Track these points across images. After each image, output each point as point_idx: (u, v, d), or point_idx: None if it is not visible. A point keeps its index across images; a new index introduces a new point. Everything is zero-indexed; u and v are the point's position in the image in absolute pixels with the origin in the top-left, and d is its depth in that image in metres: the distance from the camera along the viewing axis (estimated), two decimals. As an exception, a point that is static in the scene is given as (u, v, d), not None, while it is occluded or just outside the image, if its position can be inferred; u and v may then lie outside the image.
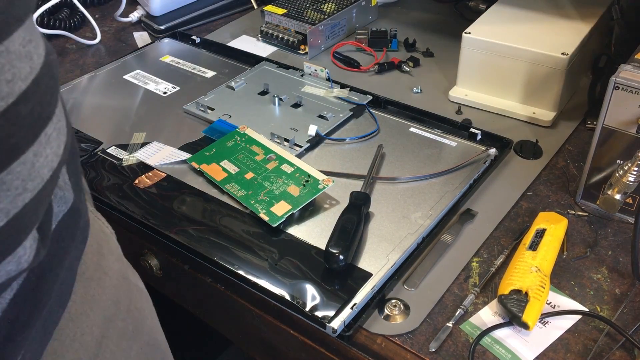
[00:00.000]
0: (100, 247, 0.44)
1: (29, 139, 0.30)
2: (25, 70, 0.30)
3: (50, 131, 0.32)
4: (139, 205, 0.68)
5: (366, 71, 0.93)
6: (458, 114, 0.83)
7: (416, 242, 0.62)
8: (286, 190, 0.67)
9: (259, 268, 0.60)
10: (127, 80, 0.92)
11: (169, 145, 0.77)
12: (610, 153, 0.63)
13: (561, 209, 0.67)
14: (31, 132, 0.30)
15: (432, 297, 0.57)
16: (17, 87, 0.29)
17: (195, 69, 0.94)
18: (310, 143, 0.76)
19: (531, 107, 0.81)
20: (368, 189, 0.68)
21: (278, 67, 0.92)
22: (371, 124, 0.80)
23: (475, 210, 0.67)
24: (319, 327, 0.55)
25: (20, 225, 0.31)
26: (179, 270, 0.65)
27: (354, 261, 0.60)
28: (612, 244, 0.63)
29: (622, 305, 0.56)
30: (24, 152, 0.30)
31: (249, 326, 0.62)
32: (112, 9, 1.13)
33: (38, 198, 0.31)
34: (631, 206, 0.64)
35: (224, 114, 0.81)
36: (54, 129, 0.32)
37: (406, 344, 0.54)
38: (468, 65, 0.83)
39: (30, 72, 0.30)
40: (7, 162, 0.29)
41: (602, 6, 0.85)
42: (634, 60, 0.61)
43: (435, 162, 0.73)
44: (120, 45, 1.05)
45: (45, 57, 0.32)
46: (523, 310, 0.53)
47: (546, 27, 0.82)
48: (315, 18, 0.97)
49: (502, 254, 0.61)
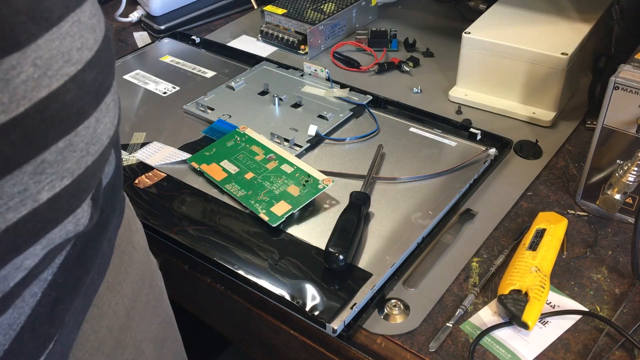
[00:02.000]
0: (130, 223, 0.47)
1: (92, 105, 0.32)
2: (91, 41, 0.31)
3: (109, 100, 0.34)
4: (139, 205, 0.68)
5: (366, 71, 0.93)
6: (458, 114, 0.83)
7: (416, 242, 0.62)
8: (286, 190, 0.67)
9: (259, 268, 0.60)
10: (127, 80, 0.92)
11: (169, 145, 0.77)
12: (610, 153, 0.63)
13: (561, 209, 0.67)
14: (95, 98, 0.32)
15: (432, 297, 0.58)
16: (85, 55, 0.31)
17: (195, 69, 0.94)
18: (310, 143, 0.76)
19: (531, 107, 0.81)
20: (368, 189, 0.68)
21: (278, 67, 0.92)
22: (371, 124, 0.80)
23: (475, 210, 0.67)
24: (319, 327, 0.55)
25: (81, 187, 0.32)
26: (179, 270, 0.65)
27: (354, 261, 0.60)
28: (612, 244, 0.63)
29: (622, 305, 0.56)
30: (88, 117, 0.31)
31: (249, 326, 0.62)
32: (112, 9, 1.13)
33: (97, 162, 0.33)
34: (631, 206, 0.64)
35: (224, 114, 0.81)
36: (111, 99, 0.34)
37: (406, 344, 0.54)
38: (468, 65, 0.83)
39: (94, 43, 0.32)
40: (74, 124, 0.30)
41: (602, 6, 0.85)
42: (634, 60, 0.61)
43: (435, 162, 0.73)
44: (120, 45, 1.05)
45: (105, 31, 0.34)
46: (523, 310, 0.53)
47: (546, 27, 0.82)
48: (315, 18, 0.97)
49: (502, 254, 0.61)
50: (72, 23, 0.30)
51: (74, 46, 0.30)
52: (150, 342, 0.48)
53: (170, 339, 0.53)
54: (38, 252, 0.31)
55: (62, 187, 0.31)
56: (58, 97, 0.29)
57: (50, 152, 0.29)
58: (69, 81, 0.30)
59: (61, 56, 0.29)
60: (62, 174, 0.30)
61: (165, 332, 0.51)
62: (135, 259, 0.46)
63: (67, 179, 0.31)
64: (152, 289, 0.49)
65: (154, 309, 0.49)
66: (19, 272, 0.31)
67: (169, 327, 0.53)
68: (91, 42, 0.31)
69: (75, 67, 0.30)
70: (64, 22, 0.29)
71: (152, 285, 0.49)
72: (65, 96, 0.29)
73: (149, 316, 0.48)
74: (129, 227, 0.46)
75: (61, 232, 0.32)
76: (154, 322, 0.49)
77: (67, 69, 0.29)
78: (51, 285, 0.34)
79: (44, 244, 0.31)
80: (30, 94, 0.27)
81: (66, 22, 0.29)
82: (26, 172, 0.28)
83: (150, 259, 0.50)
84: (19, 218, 0.29)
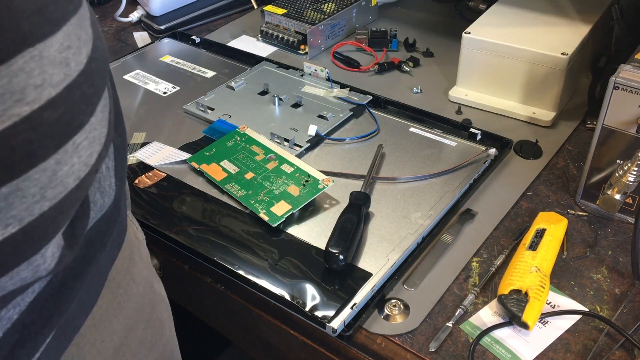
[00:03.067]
0: (132, 254, 0.44)
1: (51, 147, 0.29)
2: (59, 77, 0.29)
3: (80, 140, 0.31)
4: (139, 205, 0.68)
5: (366, 71, 0.93)
6: (458, 114, 0.83)
7: (416, 242, 0.62)
8: (286, 190, 0.67)
9: (259, 268, 0.60)
10: (127, 80, 0.92)
11: (169, 145, 0.77)
12: (610, 153, 0.63)
13: (561, 209, 0.67)
14: (56, 139, 0.29)
15: (432, 297, 0.57)
16: (46, 92, 0.28)
17: (195, 69, 0.94)
18: (310, 143, 0.76)
19: (531, 107, 0.81)
20: (368, 189, 0.68)
21: (278, 67, 0.92)
22: (371, 124, 0.80)
23: (475, 210, 0.67)
24: (319, 327, 0.55)
25: (36, 234, 0.30)
26: (179, 270, 0.65)
27: (354, 261, 0.60)
28: (612, 244, 0.63)
29: (622, 305, 0.56)
30: (44, 159, 0.29)
31: (249, 326, 0.62)
32: (112, 9, 1.13)
33: (58, 207, 0.31)
34: (631, 206, 0.64)
35: (224, 114, 0.81)
36: (85, 138, 0.31)
37: (406, 344, 0.54)
38: (468, 65, 0.83)
39: (64, 79, 0.29)
40: (24, 169, 0.28)
41: (602, 6, 0.85)
42: (634, 60, 0.61)
43: (435, 162, 0.73)
44: (120, 45, 1.05)
45: (86, 64, 0.31)
46: (523, 310, 0.53)
47: (546, 27, 0.82)
48: (315, 18, 0.97)
49: (502, 254, 0.61)
50: (28, 59, 0.27)
51: (32, 83, 0.27)
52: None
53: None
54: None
55: (5, 235, 0.28)
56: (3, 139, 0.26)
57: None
58: (19, 122, 0.27)
59: (10, 95, 0.26)
60: (6, 221, 0.28)
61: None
62: (133, 292, 0.43)
63: (12, 226, 0.28)
64: (150, 322, 0.46)
65: (150, 345, 0.46)
66: None
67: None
68: (58, 78, 0.29)
69: (30, 107, 0.27)
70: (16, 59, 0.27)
71: (151, 319, 0.46)
72: (12, 138, 0.27)
73: (143, 353, 0.45)
74: (130, 258, 0.43)
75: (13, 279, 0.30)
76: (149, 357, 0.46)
77: (18, 110, 0.27)
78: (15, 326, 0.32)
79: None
80: None
81: (20, 57, 0.27)
82: None
83: (152, 290, 0.47)
84: None
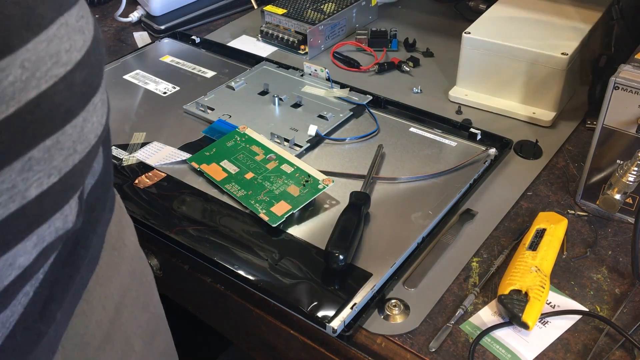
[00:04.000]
0: (120, 219, 0.47)
1: (80, 105, 0.33)
2: (80, 43, 0.33)
3: (97, 100, 0.35)
4: (139, 205, 0.68)
5: (366, 71, 0.93)
6: (458, 114, 0.83)
7: (416, 242, 0.62)
8: (286, 190, 0.67)
9: (259, 268, 0.60)
10: (127, 80, 0.92)
11: (169, 145, 0.77)
12: (610, 153, 0.63)
13: (561, 209, 0.67)
14: (83, 98, 0.33)
15: (432, 297, 0.57)
16: (74, 56, 0.32)
17: (195, 69, 0.94)
18: (310, 143, 0.76)
19: (531, 107, 0.81)
20: (368, 189, 0.68)
21: (278, 67, 0.92)
22: (371, 124, 0.80)
23: (475, 210, 0.67)
24: (319, 327, 0.55)
25: (69, 184, 0.33)
26: (179, 270, 0.65)
27: (354, 261, 0.60)
28: (612, 244, 0.63)
29: (622, 305, 0.56)
30: (75, 116, 0.32)
31: (249, 326, 0.62)
32: (112, 9, 1.13)
33: (85, 161, 0.34)
34: (631, 206, 0.64)
35: (224, 114, 0.81)
36: (99, 99, 0.35)
37: (406, 344, 0.54)
38: (468, 65, 0.83)
39: (83, 45, 0.33)
40: (62, 124, 0.31)
41: (602, 6, 0.85)
42: (634, 60, 0.61)
43: (435, 162, 0.73)
44: (120, 45, 1.05)
45: (94, 32, 0.35)
46: (523, 310, 0.53)
47: (546, 27, 0.82)
48: (315, 18, 0.97)
49: (502, 254, 0.61)
50: (59, 26, 0.31)
51: (63, 48, 0.31)
52: (140, 338, 0.49)
53: (160, 334, 0.53)
54: (29, 250, 0.32)
55: (49, 184, 0.31)
56: (47, 97, 0.30)
57: (38, 150, 0.30)
58: (59, 82, 0.31)
59: (49, 58, 0.30)
60: (50, 171, 0.31)
61: (155, 328, 0.52)
62: (126, 254, 0.47)
63: (54, 176, 0.32)
64: (142, 284, 0.50)
65: (143, 305, 0.50)
66: (11, 269, 0.31)
67: (159, 322, 0.53)
68: (80, 44, 0.33)
69: (65, 69, 0.31)
70: (52, 26, 0.30)
71: (143, 281, 0.50)
72: (54, 97, 0.30)
73: (139, 312, 0.49)
74: (119, 222, 0.47)
75: (50, 228, 0.33)
76: (143, 318, 0.49)
77: (56, 71, 0.30)
78: (43, 284, 0.35)
79: (35, 240, 0.32)
80: (19, 95, 0.28)
81: (54, 25, 0.31)
82: (14, 170, 0.29)
83: (140, 255, 0.50)
84: (8, 214, 0.29)
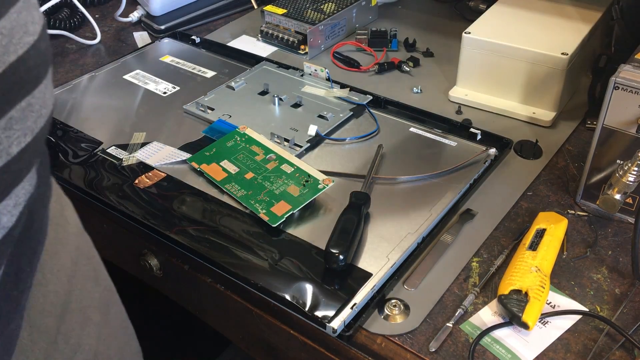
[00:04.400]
0: (59, 198, 0.50)
1: (43, 73, 0.36)
2: (37, 17, 0.36)
3: (51, 71, 0.38)
4: (139, 205, 0.68)
5: (366, 71, 0.93)
6: (458, 114, 0.83)
7: (416, 242, 0.62)
8: (286, 190, 0.67)
9: (259, 268, 0.60)
10: (127, 80, 0.92)
11: (169, 145, 0.77)
12: (610, 153, 0.63)
13: (561, 209, 0.67)
14: (45, 67, 0.36)
15: (432, 297, 0.57)
16: (37, 27, 0.35)
17: (195, 69, 0.94)
18: (310, 143, 0.76)
19: (531, 107, 0.81)
20: (368, 189, 0.68)
21: (278, 67, 0.92)
22: (371, 124, 0.80)
23: (475, 210, 0.67)
24: (319, 327, 0.55)
25: (37, 146, 0.36)
26: (179, 270, 0.65)
27: (354, 261, 0.60)
28: (612, 244, 0.63)
29: (622, 305, 0.56)
30: (41, 82, 0.36)
31: (249, 326, 0.62)
32: (112, 9, 1.13)
33: (46, 125, 0.37)
34: (631, 206, 0.64)
35: (224, 114, 0.81)
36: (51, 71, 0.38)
37: (406, 344, 0.54)
38: (468, 65, 0.83)
39: (40, 19, 0.36)
40: (32, 87, 0.35)
41: (602, 6, 0.85)
42: (634, 60, 0.61)
43: (435, 162, 0.73)
44: (120, 45, 1.05)
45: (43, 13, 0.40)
46: (523, 310, 0.53)
47: (546, 27, 0.82)
48: (315, 18, 0.97)
49: (502, 254, 0.61)
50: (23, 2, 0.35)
51: (29, 20, 0.35)
52: (96, 309, 0.51)
53: (114, 306, 0.55)
54: (11, 209, 0.34)
55: (26, 142, 0.34)
56: (24, 61, 0.33)
57: (15, 110, 0.33)
58: (30, 49, 0.34)
59: (20, 27, 0.34)
60: (25, 131, 0.34)
61: (108, 300, 0.54)
62: (70, 231, 0.49)
63: (28, 136, 0.34)
64: (90, 259, 0.52)
65: (94, 279, 0.52)
66: None
67: (112, 295, 0.55)
68: (37, 18, 0.36)
69: (32, 37, 0.35)
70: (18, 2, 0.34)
71: (90, 256, 0.52)
72: (28, 61, 0.34)
73: (90, 285, 0.51)
74: (59, 201, 0.49)
75: (23, 189, 0.36)
76: (96, 290, 0.52)
77: (27, 39, 0.34)
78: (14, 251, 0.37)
79: (14, 200, 0.35)
80: (2, 57, 0.32)
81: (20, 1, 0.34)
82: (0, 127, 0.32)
83: (83, 233, 0.52)
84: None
